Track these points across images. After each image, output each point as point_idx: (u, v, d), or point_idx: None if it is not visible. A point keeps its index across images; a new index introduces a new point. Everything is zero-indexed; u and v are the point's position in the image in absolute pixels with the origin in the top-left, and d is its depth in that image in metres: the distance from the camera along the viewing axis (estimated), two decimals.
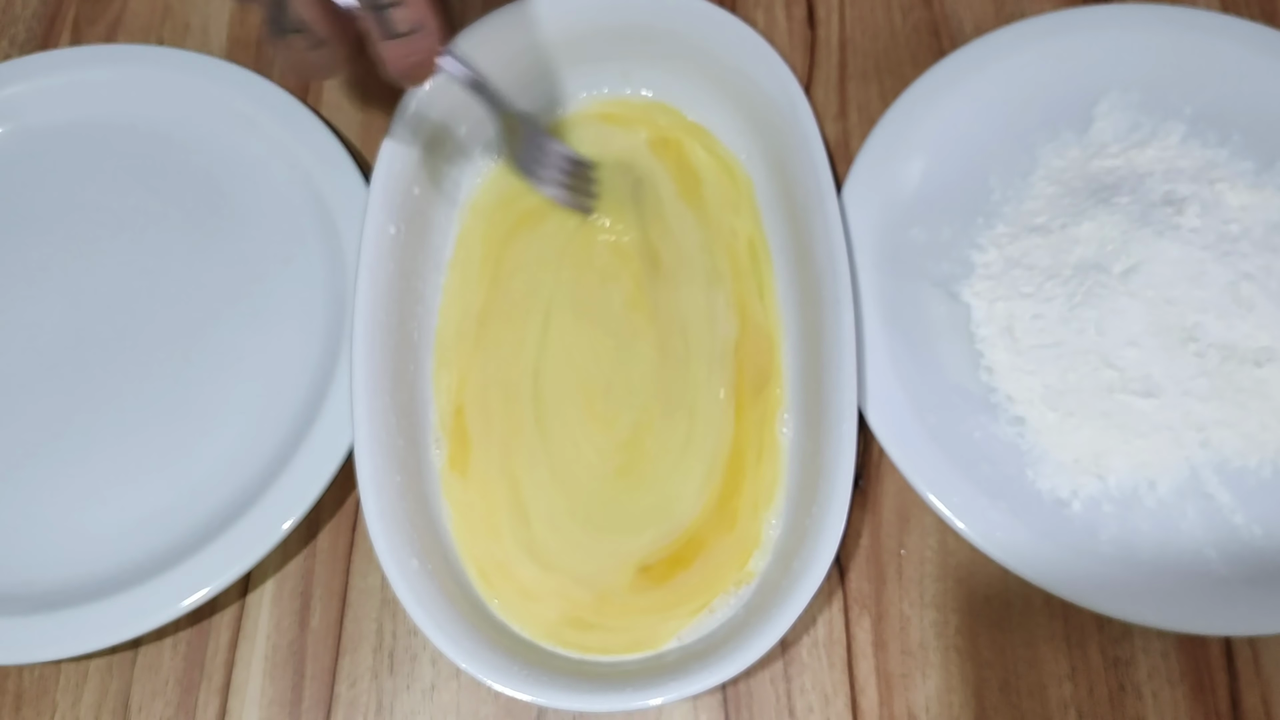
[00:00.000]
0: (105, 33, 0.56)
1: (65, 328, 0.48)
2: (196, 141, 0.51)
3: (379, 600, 0.44)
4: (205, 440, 0.45)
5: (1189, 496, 0.42)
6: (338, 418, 0.43)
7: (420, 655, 0.43)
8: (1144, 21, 0.48)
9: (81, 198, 0.50)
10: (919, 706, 0.42)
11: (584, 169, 0.47)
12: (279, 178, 0.50)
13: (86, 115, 0.52)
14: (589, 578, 0.42)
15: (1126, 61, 0.48)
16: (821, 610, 0.43)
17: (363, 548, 0.45)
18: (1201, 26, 0.48)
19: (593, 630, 0.41)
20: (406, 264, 0.44)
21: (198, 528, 0.43)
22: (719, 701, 0.42)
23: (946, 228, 0.47)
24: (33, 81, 0.52)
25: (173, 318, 0.48)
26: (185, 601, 0.41)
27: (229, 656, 0.44)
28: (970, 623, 0.43)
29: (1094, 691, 0.42)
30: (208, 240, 0.49)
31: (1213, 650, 0.42)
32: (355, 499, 0.46)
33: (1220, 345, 0.43)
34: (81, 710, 0.43)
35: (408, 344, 0.44)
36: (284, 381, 0.46)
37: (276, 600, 0.44)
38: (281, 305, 0.48)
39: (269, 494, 0.42)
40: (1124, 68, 0.48)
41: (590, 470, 0.44)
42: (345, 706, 0.43)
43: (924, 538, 0.44)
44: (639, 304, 0.46)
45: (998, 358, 0.44)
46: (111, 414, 0.46)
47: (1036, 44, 0.48)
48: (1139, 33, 0.48)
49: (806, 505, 0.40)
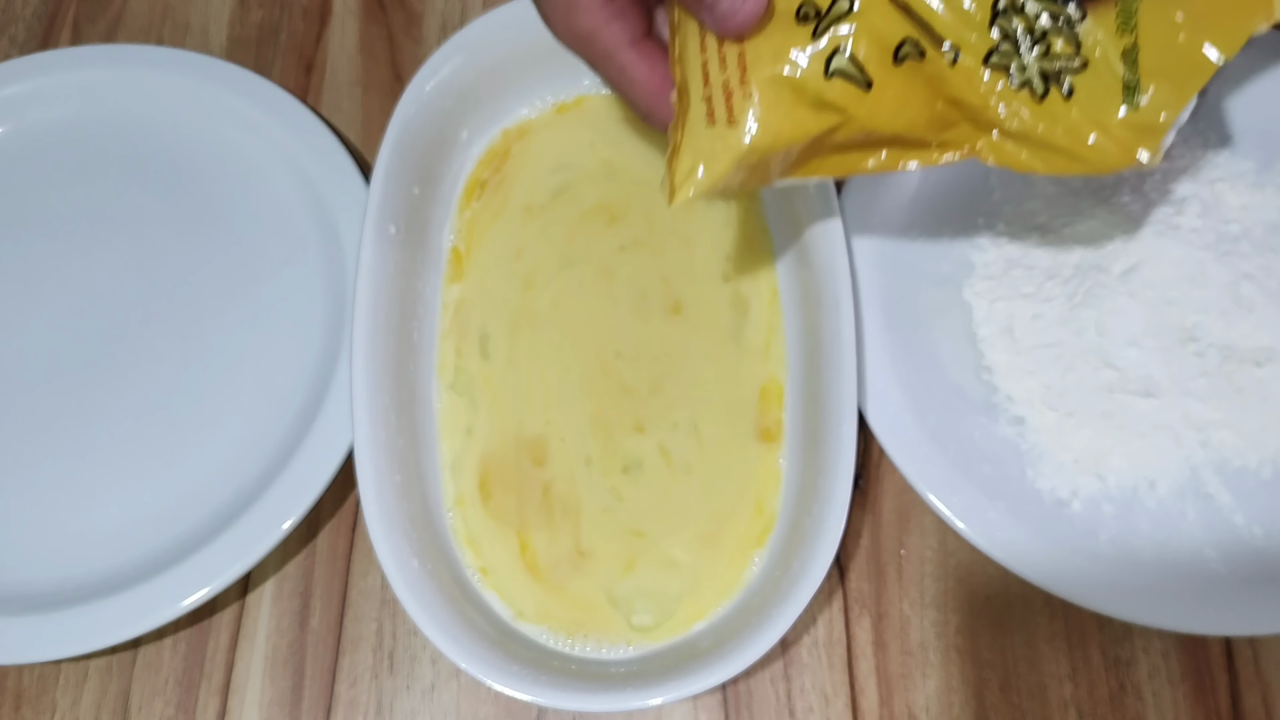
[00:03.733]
0: (105, 32, 0.56)
1: (65, 328, 0.48)
2: (196, 142, 0.51)
3: (379, 600, 0.44)
4: (205, 440, 0.45)
5: (1189, 497, 0.42)
6: (338, 418, 0.43)
7: (420, 655, 0.43)
8: None
9: (81, 197, 0.50)
10: (919, 706, 0.42)
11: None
12: (279, 178, 0.50)
13: (86, 115, 0.52)
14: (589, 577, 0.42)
15: None
16: (821, 610, 0.44)
17: (362, 548, 0.45)
18: None
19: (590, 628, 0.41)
20: (406, 264, 0.44)
21: (198, 527, 0.43)
22: (719, 701, 0.42)
23: (946, 227, 0.47)
24: (33, 81, 0.52)
25: (172, 318, 0.48)
26: (185, 601, 0.41)
27: (229, 656, 0.44)
28: (970, 623, 0.43)
29: (1094, 691, 0.42)
30: (207, 240, 0.49)
31: (1213, 650, 0.43)
32: (355, 499, 0.46)
33: (1220, 345, 0.43)
34: (81, 710, 0.43)
35: (408, 344, 0.44)
36: (284, 381, 0.46)
37: (276, 600, 0.44)
38: (281, 305, 0.48)
39: (269, 494, 0.42)
40: None
41: (592, 470, 0.44)
42: (345, 706, 0.43)
43: (924, 538, 0.44)
44: (645, 289, 0.46)
45: (998, 358, 0.44)
46: (111, 414, 0.46)
47: None
48: None
49: (806, 505, 0.40)
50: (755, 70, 0.31)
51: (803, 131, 0.32)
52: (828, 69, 0.31)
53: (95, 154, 0.51)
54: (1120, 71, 0.31)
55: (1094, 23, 0.32)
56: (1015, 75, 0.32)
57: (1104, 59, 0.32)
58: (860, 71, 0.32)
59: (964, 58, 0.32)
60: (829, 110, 0.32)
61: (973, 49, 0.31)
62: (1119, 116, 0.31)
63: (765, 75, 0.31)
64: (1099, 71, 0.32)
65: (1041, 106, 0.32)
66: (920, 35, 0.32)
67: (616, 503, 0.43)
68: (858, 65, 0.32)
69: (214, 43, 0.55)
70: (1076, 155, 0.32)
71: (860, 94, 0.32)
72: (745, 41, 0.32)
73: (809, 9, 0.31)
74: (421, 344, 0.45)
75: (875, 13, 0.31)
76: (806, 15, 0.31)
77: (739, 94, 0.32)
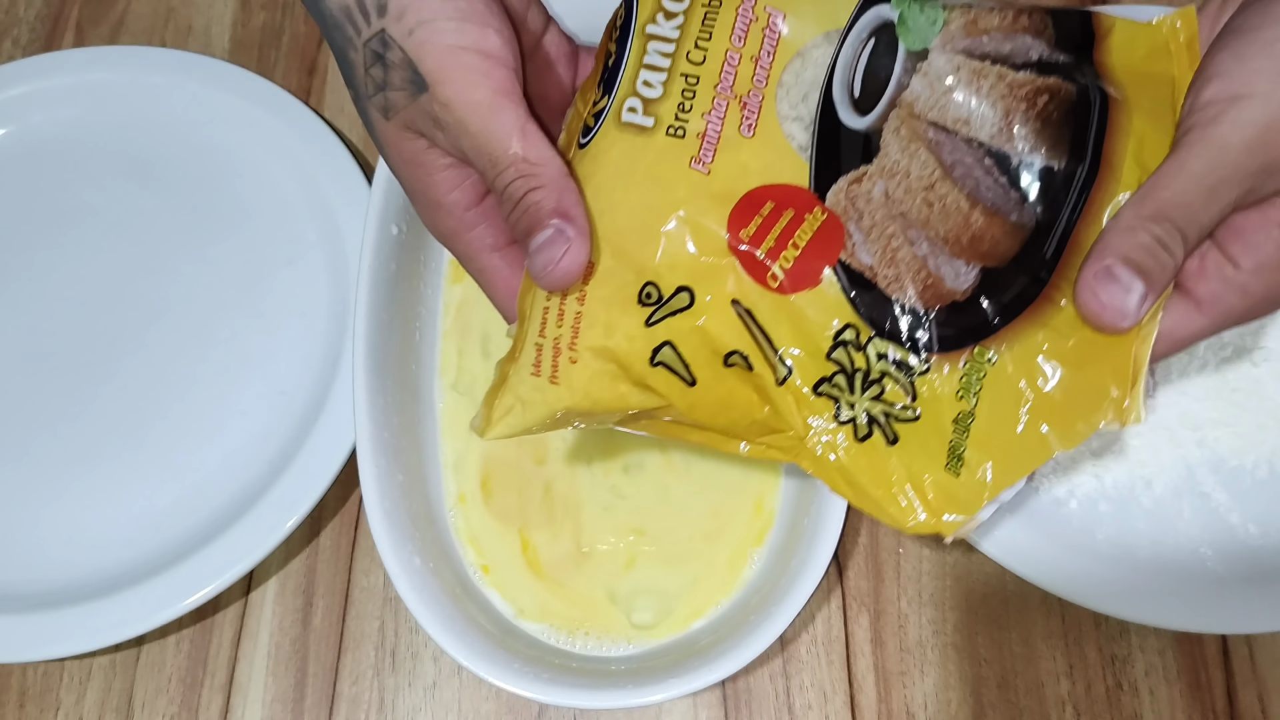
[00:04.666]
0: (108, 34, 0.56)
1: (68, 328, 0.48)
2: (200, 143, 0.51)
3: (381, 598, 0.45)
4: (208, 439, 0.46)
5: (1185, 495, 0.43)
6: (340, 417, 0.43)
7: (422, 653, 0.44)
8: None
9: (85, 198, 0.51)
10: (917, 704, 0.42)
11: None
12: (282, 179, 0.50)
13: (90, 117, 0.52)
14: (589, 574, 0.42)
15: None
16: (820, 608, 0.44)
17: (365, 546, 0.45)
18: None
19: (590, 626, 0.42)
20: (409, 265, 0.45)
21: (201, 526, 0.44)
22: (719, 699, 0.43)
23: None
24: (36, 83, 0.52)
25: (176, 318, 0.48)
26: (188, 599, 0.41)
27: (232, 654, 0.44)
28: (968, 620, 0.43)
29: (1091, 689, 0.42)
30: (211, 241, 0.49)
31: (1209, 648, 0.43)
32: (358, 497, 0.46)
33: (1216, 345, 0.43)
34: (85, 708, 0.43)
35: (410, 344, 0.44)
36: (287, 381, 0.46)
37: (279, 598, 0.45)
38: (285, 305, 0.48)
39: (272, 492, 0.43)
40: None
41: (592, 468, 0.44)
42: (347, 704, 0.43)
43: (921, 536, 0.45)
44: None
45: None
46: (115, 414, 0.46)
47: None
48: None
49: (805, 504, 0.40)
50: (586, 337, 0.31)
51: (623, 405, 0.31)
52: (653, 358, 0.30)
53: (98, 155, 0.51)
54: (949, 434, 0.30)
55: (936, 377, 0.30)
56: (843, 409, 0.30)
57: (937, 417, 0.30)
58: (685, 369, 0.31)
59: (794, 378, 0.30)
60: (651, 393, 0.31)
61: (806, 373, 0.30)
62: (936, 479, 0.30)
63: (594, 345, 0.30)
64: (929, 427, 0.30)
65: (861, 447, 0.30)
66: (754, 348, 0.30)
67: (617, 501, 0.44)
68: (683, 362, 0.30)
69: (216, 45, 0.55)
70: (882, 506, 0.30)
71: (683, 387, 0.31)
72: (584, 304, 0.31)
73: (652, 292, 0.31)
74: (424, 344, 0.45)
75: (713, 315, 0.30)
76: (648, 298, 0.31)
77: (566, 356, 0.31)
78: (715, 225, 0.31)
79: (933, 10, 0.32)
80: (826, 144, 0.31)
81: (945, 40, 0.31)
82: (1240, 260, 0.28)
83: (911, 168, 0.31)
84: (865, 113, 0.32)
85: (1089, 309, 0.28)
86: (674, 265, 0.31)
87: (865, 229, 0.31)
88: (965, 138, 0.31)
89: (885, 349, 0.30)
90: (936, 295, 0.30)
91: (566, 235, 0.30)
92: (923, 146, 0.31)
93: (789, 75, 0.32)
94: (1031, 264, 0.30)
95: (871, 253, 0.31)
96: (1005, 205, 0.30)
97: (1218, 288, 0.29)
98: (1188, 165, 0.28)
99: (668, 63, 0.32)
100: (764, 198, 0.31)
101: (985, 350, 0.30)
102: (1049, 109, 0.30)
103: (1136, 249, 0.28)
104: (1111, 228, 0.28)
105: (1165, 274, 0.28)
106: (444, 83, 0.31)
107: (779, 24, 0.32)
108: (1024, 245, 0.30)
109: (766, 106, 0.32)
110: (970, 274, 0.30)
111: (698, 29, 0.32)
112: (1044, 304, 0.30)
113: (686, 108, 0.32)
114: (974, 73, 0.31)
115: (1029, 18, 0.31)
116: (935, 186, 0.31)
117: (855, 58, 0.32)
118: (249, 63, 0.54)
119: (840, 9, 0.32)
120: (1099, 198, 0.30)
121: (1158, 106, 0.30)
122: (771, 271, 0.30)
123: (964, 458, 0.30)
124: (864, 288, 0.30)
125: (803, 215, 0.31)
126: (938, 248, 0.30)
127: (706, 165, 0.31)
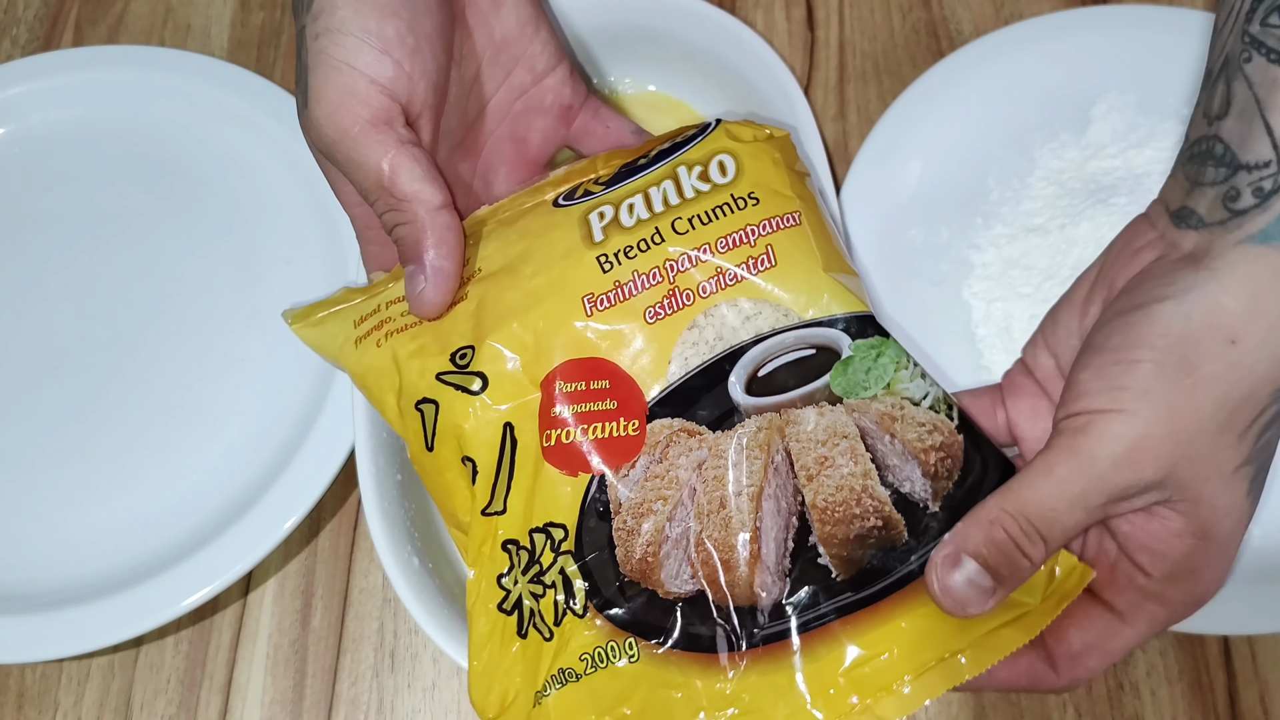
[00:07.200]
0: (107, 34, 0.56)
1: (67, 328, 0.48)
2: (198, 142, 0.51)
3: (380, 599, 0.44)
4: (207, 440, 0.46)
5: None
6: (339, 417, 0.43)
7: (421, 654, 0.44)
8: (1141, 23, 0.48)
9: (83, 198, 0.51)
10: None
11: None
12: (280, 178, 0.50)
13: (88, 116, 0.52)
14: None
15: (1124, 63, 0.48)
16: None
17: (364, 547, 0.45)
18: (1198, 28, 0.48)
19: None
20: None
21: (199, 527, 0.43)
22: None
23: (945, 228, 0.47)
24: (35, 82, 0.52)
25: (175, 318, 0.48)
26: (187, 600, 0.41)
27: (231, 655, 0.44)
28: None
29: (1092, 689, 0.42)
30: (209, 241, 0.49)
31: (1210, 649, 0.43)
32: (357, 498, 0.46)
33: None
34: (84, 709, 0.43)
35: None
36: (285, 381, 0.46)
37: (278, 599, 0.45)
38: (283, 305, 0.48)
39: (271, 493, 0.43)
40: (1121, 69, 0.48)
41: None
42: (347, 705, 0.43)
43: None
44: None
45: (996, 358, 0.44)
46: (113, 414, 0.46)
47: (1034, 45, 0.48)
48: (1136, 34, 0.48)
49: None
50: (399, 338, 0.33)
51: (382, 412, 0.34)
52: (418, 403, 0.33)
53: (97, 155, 0.51)
54: (552, 671, 0.30)
55: (588, 628, 0.30)
56: (509, 577, 0.31)
57: (564, 648, 0.30)
58: (430, 434, 0.33)
59: (499, 521, 0.32)
60: (403, 424, 0.33)
61: (511, 525, 0.31)
62: (522, 694, 0.30)
63: (399, 349, 0.33)
64: (548, 651, 0.31)
65: (498, 614, 0.31)
66: (491, 470, 0.31)
67: None
68: (433, 427, 0.32)
69: (215, 44, 0.55)
70: (480, 674, 0.31)
71: (423, 444, 0.33)
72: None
73: (467, 354, 0.32)
74: None
75: (482, 417, 0.32)
76: (461, 358, 0.32)
77: (378, 335, 0.34)
78: (554, 356, 0.32)
79: (878, 376, 0.32)
80: (697, 384, 0.32)
81: (860, 407, 0.32)
82: (1150, 569, 0.29)
83: (741, 465, 0.31)
84: (751, 394, 0.32)
85: (933, 591, 0.29)
86: (496, 356, 0.32)
87: (653, 473, 0.31)
88: (795, 489, 0.31)
89: (574, 575, 0.31)
90: (645, 573, 0.30)
91: (423, 277, 0.32)
92: (762, 461, 0.31)
93: (731, 310, 0.32)
94: (744, 622, 0.30)
95: (636, 494, 0.31)
96: (768, 566, 0.30)
97: (1134, 598, 0.29)
98: (1055, 469, 0.28)
99: (650, 216, 0.33)
100: (608, 374, 0.32)
101: (636, 646, 0.30)
102: (869, 539, 0.30)
103: (990, 545, 0.28)
104: (972, 517, 0.29)
105: (1018, 575, 0.28)
106: (320, 100, 0.31)
107: (765, 261, 0.32)
108: (748, 607, 0.30)
109: (686, 315, 0.32)
110: (687, 582, 0.30)
111: (706, 208, 0.33)
112: (709, 660, 0.30)
113: (631, 255, 0.33)
114: (851, 453, 0.31)
115: (936, 454, 0.31)
116: (740, 496, 0.31)
117: (790, 348, 0.32)
118: (248, 62, 0.54)
119: (817, 302, 0.32)
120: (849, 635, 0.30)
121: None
122: (553, 432, 0.31)
123: (546, 704, 0.30)
124: (600, 517, 0.31)
125: (620, 415, 0.31)
126: (685, 542, 0.31)
127: (595, 309, 0.32)
